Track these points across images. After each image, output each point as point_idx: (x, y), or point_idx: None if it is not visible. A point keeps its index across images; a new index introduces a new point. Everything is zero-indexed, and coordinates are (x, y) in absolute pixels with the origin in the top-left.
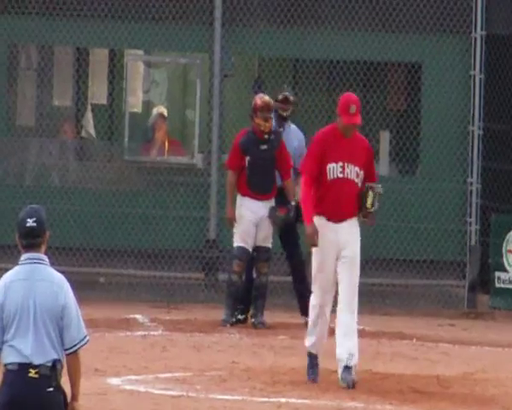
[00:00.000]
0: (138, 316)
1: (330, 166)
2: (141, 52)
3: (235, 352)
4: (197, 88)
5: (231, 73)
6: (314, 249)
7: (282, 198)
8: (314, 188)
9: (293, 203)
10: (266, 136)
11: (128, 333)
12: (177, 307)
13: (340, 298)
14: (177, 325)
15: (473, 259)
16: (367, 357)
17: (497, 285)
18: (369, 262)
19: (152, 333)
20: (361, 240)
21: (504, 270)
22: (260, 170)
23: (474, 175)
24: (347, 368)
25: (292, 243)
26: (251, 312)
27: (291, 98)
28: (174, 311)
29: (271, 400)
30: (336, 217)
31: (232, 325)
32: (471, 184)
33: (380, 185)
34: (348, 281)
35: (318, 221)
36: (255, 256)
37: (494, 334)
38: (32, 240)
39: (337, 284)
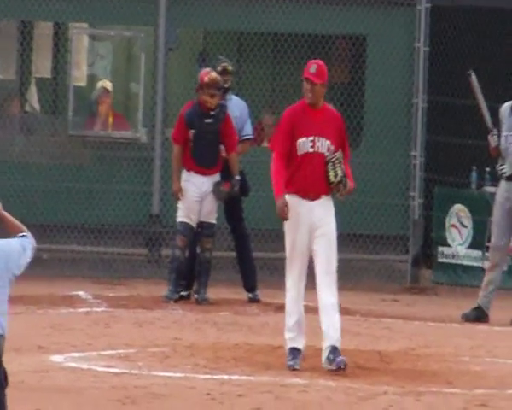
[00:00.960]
0: (81, 293)
1: (300, 140)
2: (85, 25)
3: (177, 328)
4: (141, 61)
5: (176, 46)
6: (287, 229)
7: (226, 173)
8: (285, 165)
9: (237, 178)
10: (212, 111)
11: (71, 310)
12: (120, 284)
13: (319, 278)
14: (120, 302)
15: (416, 233)
16: (310, 333)
17: (440, 260)
18: None
19: (95, 310)
20: None
21: (447, 244)
22: (205, 143)
23: (418, 148)
24: (335, 349)
25: (236, 217)
26: (194, 288)
27: (229, 68)
28: (117, 287)
29: (214, 376)
30: (309, 194)
31: (175, 301)
32: (415, 157)
33: (336, 153)
34: (326, 259)
35: (291, 200)
36: (199, 232)
37: (437, 309)
38: None
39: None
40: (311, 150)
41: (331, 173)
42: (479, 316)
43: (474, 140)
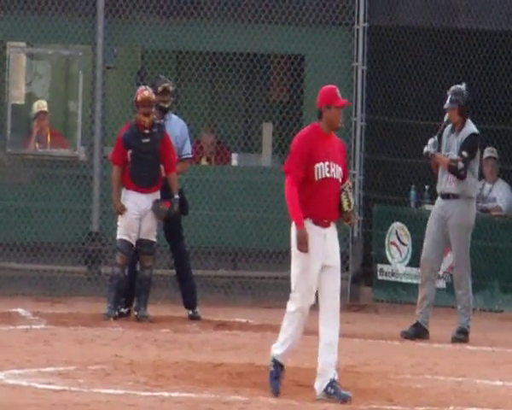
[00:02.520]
0: (21, 310)
1: (318, 165)
2: (23, 44)
3: (118, 345)
4: (80, 80)
5: (114, 65)
6: (297, 253)
7: (166, 191)
8: (299, 190)
9: (176, 197)
10: (147, 130)
11: (10, 327)
12: (60, 301)
13: (323, 310)
14: (60, 319)
15: (355, 251)
16: (251, 350)
17: (380, 277)
18: (252, 255)
19: (35, 327)
20: (243, 232)
21: (387, 262)
22: (143, 163)
23: (357, 166)
24: (335, 382)
25: (176, 235)
26: (134, 305)
27: (170, 88)
28: (57, 304)
29: (155, 394)
30: (324, 220)
31: (115, 318)
32: (354, 175)
33: (349, 182)
34: (333, 291)
35: (304, 225)
36: (139, 249)
37: (377, 326)
38: None
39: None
40: (328, 175)
41: (345, 202)
42: (418, 333)
43: (413, 159)
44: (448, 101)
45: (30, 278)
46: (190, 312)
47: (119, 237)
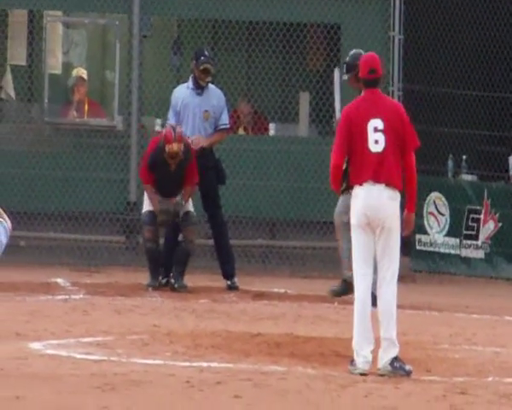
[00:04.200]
0: (59, 280)
1: None
2: (60, 13)
3: (156, 315)
4: (116, 49)
5: (150, 34)
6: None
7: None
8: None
9: (183, 203)
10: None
11: (49, 297)
12: (98, 271)
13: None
14: (98, 289)
15: None
16: (289, 320)
17: (418, 248)
18: (290, 225)
19: (73, 297)
20: (281, 202)
21: (425, 232)
22: (168, 184)
23: None
24: (396, 359)
25: (213, 205)
26: (172, 275)
27: (211, 70)
28: (95, 274)
29: (193, 364)
30: None
31: (155, 288)
32: None
33: None
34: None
35: None
36: (180, 222)
37: (415, 297)
38: None
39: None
40: None
41: None
42: (346, 289)
43: (451, 128)
44: None
45: (68, 248)
46: (228, 282)
47: (144, 209)
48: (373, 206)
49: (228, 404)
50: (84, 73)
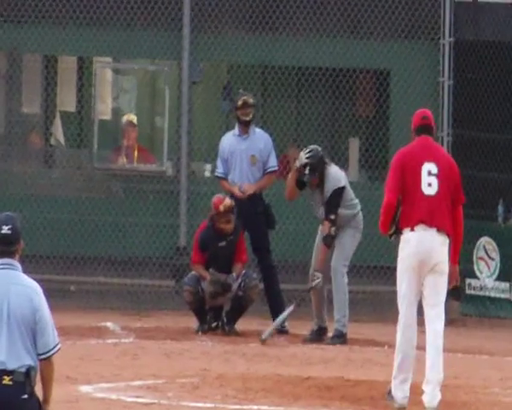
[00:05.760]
0: (109, 324)
1: None
2: (109, 59)
3: (206, 359)
4: (166, 95)
5: (200, 79)
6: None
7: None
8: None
9: (234, 278)
10: (228, 237)
11: (99, 341)
12: (147, 315)
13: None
14: (147, 333)
15: None
16: (339, 364)
17: (468, 292)
18: None
19: (123, 341)
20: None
21: (475, 276)
22: (219, 261)
23: None
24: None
25: (263, 249)
26: (223, 319)
27: (250, 101)
28: (145, 318)
29: (244, 407)
30: None
31: (204, 332)
32: None
33: None
34: None
35: None
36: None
37: (465, 341)
38: (6, 247)
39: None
40: None
41: None
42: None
43: (501, 173)
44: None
45: (118, 293)
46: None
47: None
48: (425, 251)
49: None
50: (134, 118)
